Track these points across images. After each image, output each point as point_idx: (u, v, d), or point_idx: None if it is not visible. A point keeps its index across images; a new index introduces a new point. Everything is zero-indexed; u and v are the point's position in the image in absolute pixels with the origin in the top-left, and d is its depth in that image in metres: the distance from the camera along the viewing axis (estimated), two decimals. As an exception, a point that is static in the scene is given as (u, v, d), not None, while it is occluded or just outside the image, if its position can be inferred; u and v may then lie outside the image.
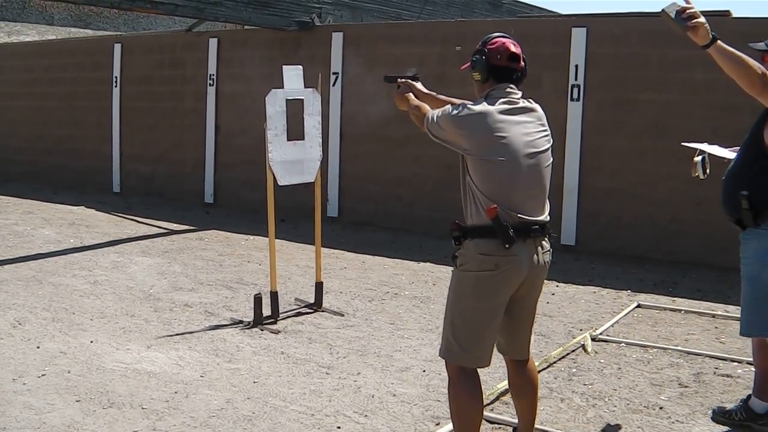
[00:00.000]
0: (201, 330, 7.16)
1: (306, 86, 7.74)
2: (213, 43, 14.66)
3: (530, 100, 4.35)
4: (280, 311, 7.57)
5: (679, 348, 6.89)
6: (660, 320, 7.84)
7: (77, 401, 5.41)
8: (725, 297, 8.73)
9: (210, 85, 14.67)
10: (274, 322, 7.38)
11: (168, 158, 15.51)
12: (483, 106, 4.17)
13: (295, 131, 7.58)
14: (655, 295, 8.78)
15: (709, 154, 5.41)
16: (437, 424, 5.18)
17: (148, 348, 6.61)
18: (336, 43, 13.09)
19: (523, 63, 4.35)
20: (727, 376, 6.25)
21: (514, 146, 4.13)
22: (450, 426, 4.96)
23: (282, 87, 7.49)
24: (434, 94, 4.88)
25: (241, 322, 7.41)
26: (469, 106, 4.19)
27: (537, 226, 4.17)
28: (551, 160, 4.36)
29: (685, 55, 10.29)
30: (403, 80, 4.83)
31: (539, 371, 6.01)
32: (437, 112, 4.32)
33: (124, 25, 32.57)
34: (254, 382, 5.89)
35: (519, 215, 4.10)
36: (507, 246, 4.03)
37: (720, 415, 5.31)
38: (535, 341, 6.97)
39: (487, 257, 4.09)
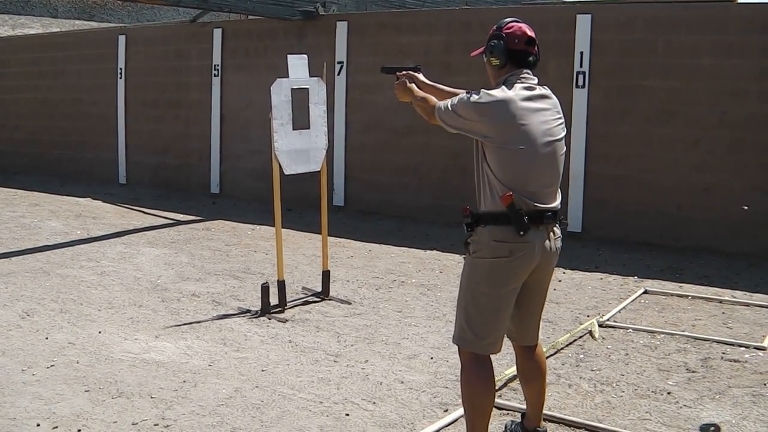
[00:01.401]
0: (209, 319, 7.18)
1: (311, 75, 7.74)
2: (217, 33, 14.65)
3: (545, 87, 4.33)
4: (288, 300, 7.58)
5: (686, 333, 6.90)
6: (667, 306, 7.84)
7: (86, 391, 5.43)
8: (732, 283, 8.74)
9: (215, 75, 14.67)
10: (282, 311, 7.40)
11: (174, 149, 15.52)
12: (504, 92, 4.13)
13: (301, 120, 7.57)
14: (661, 281, 8.77)
15: None
16: (445, 411, 5.19)
17: (156, 338, 6.63)
18: (340, 32, 13.07)
19: (537, 47, 4.32)
20: (735, 361, 6.25)
21: (533, 134, 4.12)
22: (458, 412, 5.01)
23: (287, 76, 7.49)
24: (437, 84, 4.83)
25: (248, 311, 7.42)
26: (489, 92, 4.14)
27: (550, 213, 4.18)
28: (565, 148, 4.37)
29: (691, 41, 10.28)
30: (404, 72, 4.76)
31: (547, 357, 6.02)
32: (452, 100, 4.26)
33: (128, 16, 32.54)
34: (262, 371, 5.90)
35: (534, 203, 4.11)
36: (522, 233, 4.04)
37: None
38: (543, 327, 6.94)
39: (501, 244, 4.09)
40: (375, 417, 5.11)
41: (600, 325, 6.97)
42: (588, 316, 7.34)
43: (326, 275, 7.95)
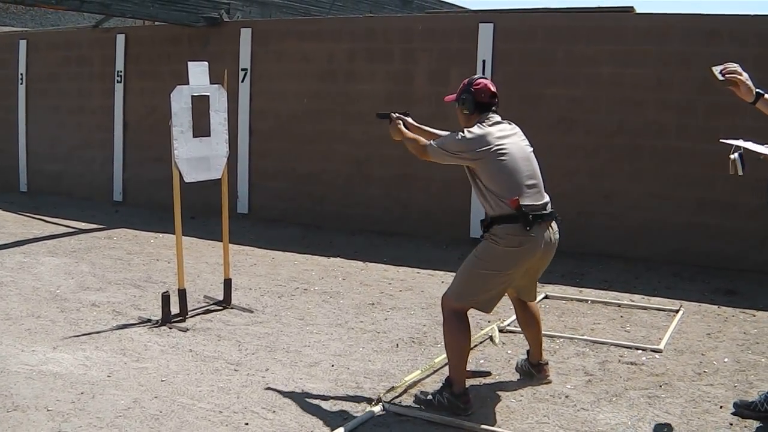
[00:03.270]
0: (108, 330, 7.08)
1: (214, 82, 7.69)
2: (120, 39, 14.48)
3: (510, 122, 5.61)
4: (189, 309, 7.53)
5: (585, 337, 7.02)
6: (567, 311, 7.96)
7: (-20, 405, 5.32)
8: (631, 287, 8.92)
9: (118, 81, 14.49)
10: (183, 320, 7.34)
11: (76, 156, 15.27)
12: (480, 128, 5.39)
13: (202, 128, 7.52)
14: (562, 286, 8.90)
15: (745, 150, 5.36)
16: (345, 419, 5.20)
17: (54, 349, 6.51)
18: (244, 39, 13.02)
19: (497, 98, 5.59)
20: (632, 363, 6.38)
21: (511, 150, 5.36)
22: (359, 419, 5.13)
23: (188, 83, 7.43)
24: (423, 126, 6.04)
25: (149, 320, 7.34)
26: (470, 130, 5.39)
27: (546, 212, 5.38)
28: (536, 161, 5.60)
29: (590, 51, 10.48)
30: (397, 115, 5.93)
31: (446, 365, 6.10)
32: (440, 141, 5.54)
33: (32, 21, 31.95)
34: (162, 381, 5.84)
35: (529, 203, 5.28)
36: (528, 228, 5.21)
37: (744, 408, 5.38)
38: (443, 333, 7.05)
39: (513, 237, 5.24)
40: (274, 426, 5.09)
41: (500, 331, 7.05)
42: (489, 321, 7.38)
43: (228, 283, 7.91)
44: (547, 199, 5.51)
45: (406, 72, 11.79)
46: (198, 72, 7.50)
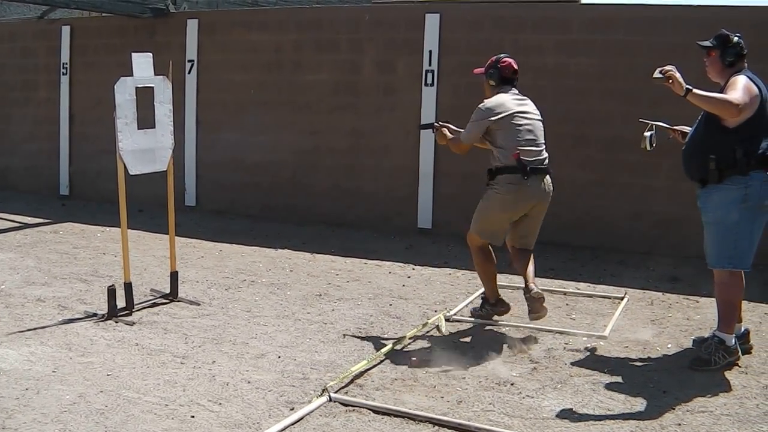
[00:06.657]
0: (54, 324, 7.02)
1: (161, 74, 7.64)
2: (66, 30, 14.31)
3: (525, 95, 7.00)
4: (136, 302, 7.48)
5: (530, 326, 7.07)
6: (513, 299, 7.98)
7: None
8: (577, 275, 9.01)
9: (63, 74, 14.32)
10: (129, 314, 7.29)
11: (22, 150, 15.10)
12: (499, 97, 6.86)
13: (146, 120, 7.47)
14: (509, 275, 8.91)
15: (657, 128, 6.59)
16: (291, 409, 5.20)
17: (-2, 345, 6.46)
18: (191, 30, 12.94)
19: (518, 73, 7.05)
20: (577, 350, 6.47)
21: (521, 115, 6.77)
22: (304, 410, 5.15)
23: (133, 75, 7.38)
24: (459, 129, 7.21)
25: (95, 315, 7.28)
26: (490, 100, 6.89)
27: (542, 166, 6.79)
28: (542, 127, 7.02)
29: (537, 40, 10.54)
30: (439, 125, 7.41)
31: (395, 350, 6.14)
32: (467, 128, 6.98)
33: (-24, 13, 31.52)
34: (108, 375, 5.81)
35: (528, 159, 6.69)
36: (525, 177, 6.64)
37: (702, 364, 6.03)
38: (390, 324, 7.13)
39: (511, 185, 6.70)
40: (220, 418, 5.09)
41: (447, 320, 7.08)
42: (435, 311, 7.43)
43: (174, 276, 7.88)
44: (545, 156, 6.86)
45: (353, 62, 11.79)
46: (142, 63, 7.45)
